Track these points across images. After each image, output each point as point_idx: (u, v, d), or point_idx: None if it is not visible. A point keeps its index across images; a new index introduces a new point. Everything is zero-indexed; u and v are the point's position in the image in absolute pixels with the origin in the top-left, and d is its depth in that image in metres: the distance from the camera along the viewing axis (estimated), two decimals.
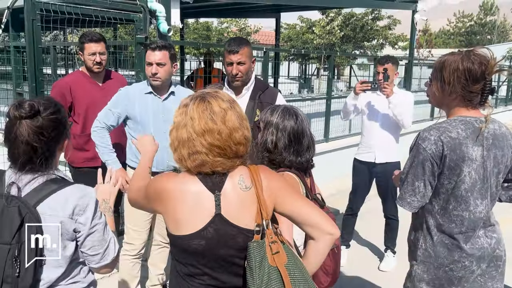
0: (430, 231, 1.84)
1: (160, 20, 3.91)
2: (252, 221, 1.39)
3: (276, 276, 1.34)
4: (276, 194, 1.43)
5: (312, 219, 1.44)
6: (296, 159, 1.84)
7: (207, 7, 7.93)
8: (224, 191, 1.39)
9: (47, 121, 1.48)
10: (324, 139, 6.63)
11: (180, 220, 1.39)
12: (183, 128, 1.39)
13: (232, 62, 2.64)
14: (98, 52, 3.12)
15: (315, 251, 1.47)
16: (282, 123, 1.83)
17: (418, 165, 1.77)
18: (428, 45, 20.08)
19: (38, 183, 1.49)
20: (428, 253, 1.84)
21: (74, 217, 1.49)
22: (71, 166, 3.34)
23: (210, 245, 1.38)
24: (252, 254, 1.34)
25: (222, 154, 1.37)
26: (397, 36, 19.80)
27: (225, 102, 1.40)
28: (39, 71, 3.31)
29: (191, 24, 21.70)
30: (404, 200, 1.85)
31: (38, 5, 3.24)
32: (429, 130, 1.77)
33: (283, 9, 9.66)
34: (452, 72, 1.74)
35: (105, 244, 1.57)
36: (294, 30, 21.45)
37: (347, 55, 18.43)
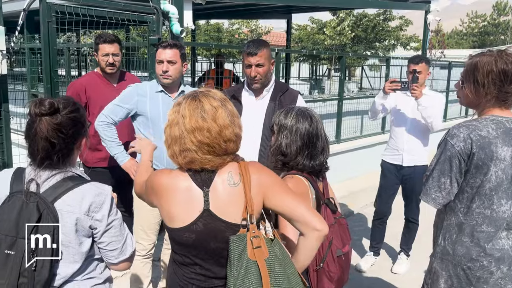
0: (450, 228, 1.83)
1: (173, 22, 3.95)
2: (239, 216, 1.44)
3: (254, 270, 1.38)
4: (265, 189, 1.47)
5: (299, 215, 1.46)
6: (310, 163, 1.83)
7: (219, 8, 7.96)
8: (212, 187, 1.45)
9: (66, 119, 1.52)
10: (335, 140, 6.61)
11: (172, 213, 1.47)
12: (176, 126, 1.45)
13: (251, 64, 2.63)
14: (112, 53, 3.16)
15: (303, 246, 1.50)
16: (296, 126, 1.82)
17: (445, 161, 1.76)
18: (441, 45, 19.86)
19: (56, 180, 1.52)
20: (447, 250, 1.84)
21: (90, 214, 1.52)
22: (85, 166, 3.37)
23: (199, 238, 1.45)
24: (232, 247, 1.40)
25: (211, 151, 1.43)
26: (409, 37, 19.67)
27: (216, 101, 1.45)
28: (54, 73, 3.36)
29: (202, 25, 21.80)
30: (428, 196, 1.83)
31: (54, 8, 3.28)
32: (459, 127, 1.75)
33: (294, 10, 9.66)
34: (486, 74, 1.72)
35: (122, 240, 1.60)
36: (304, 31, 21.41)
37: (359, 56, 18.33)
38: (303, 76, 19.84)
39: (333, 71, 18.11)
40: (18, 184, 1.53)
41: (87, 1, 3.54)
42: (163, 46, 2.74)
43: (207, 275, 1.50)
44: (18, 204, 1.48)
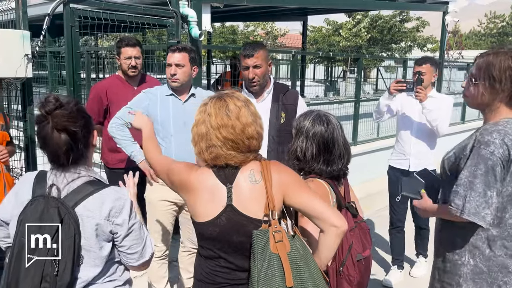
0: (481, 244, 1.70)
1: (192, 25, 3.99)
2: (261, 212, 1.51)
3: (277, 263, 1.44)
4: (285, 187, 1.54)
5: (318, 212, 1.52)
6: (327, 169, 1.83)
7: (234, 11, 8.01)
8: (235, 183, 1.53)
9: (75, 110, 1.55)
10: (352, 142, 6.59)
11: (198, 208, 1.56)
12: (202, 124, 1.56)
13: (248, 66, 2.63)
14: (134, 56, 3.23)
15: (323, 243, 1.55)
16: (312, 131, 1.82)
17: (489, 172, 1.61)
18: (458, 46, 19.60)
19: (77, 185, 1.54)
20: (479, 269, 1.70)
21: (111, 219, 1.54)
22: (106, 167, 3.44)
23: (223, 232, 1.53)
24: (255, 240, 1.46)
25: (235, 147, 1.52)
26: (425, 38, 19.46)
27: (240, 101, 1.56)
28: (77, 76, 3.43)
29: (217, 28, 21.91)
30: (478, 215, 1.62)
31: (77, 12, 3.36)
32: (490, 133, 1.65)
33: (310, 12, 9.65)
34: (504, 69, 1.67)
35: (142, 242, 1.62)
36: (320, 32, 21.36)
37: (375, 57, 18.20)
38: (318, 77, 19.79)
39: (349, 72, 18.02)
40: (40, 188, 1.55)
41: (109, 6, 3.62)
42: (172, 50, 2.79)
43: (231, 267, 1.56)
44: (40, 209, 1.49)
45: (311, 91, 9.74)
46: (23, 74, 3.11)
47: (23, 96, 3.37)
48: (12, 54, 3.02)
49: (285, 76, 14.71)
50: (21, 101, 3.41)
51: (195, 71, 2.85)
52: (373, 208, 5.51)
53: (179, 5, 3.98)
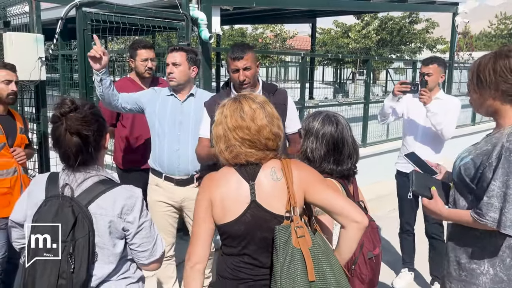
0: (501, 253, 1.67)
1: (202, 28, 4.03)
2: (283, 208, 1.55)
3: (299, 257, 1.47)
4: (306, 185, 1.57)
5: (339, 208, 1.54)
6: (337, 168, 1.86)
7: (244, 13, 8.05)
8: (257, 181, 1.57)
9: (89, 114, 1.58)
10: (361, 144, 6.58)
11: (226, 206, 1.57)
12: (219, 125, 1.60)
13: (238, 68, 2.57)
14: (150, 58, 3.30)
15: (344, 238, 1.57)
16: (321, 131, 1.84)
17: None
18: (469, 48, 19.47)
19: (89, 184, 1.58)
20: (500, 278, 1.67)
21: (123, 216, 1.58)
22: (118, 168, 3.48)
23: (248, 229, 1.56)
24: (277, 235, 1.49)
25: (253, 146, 1.57)
26: (435, 39, 19.33)
27: (255, 103, 1.60)
28: (89, 78, 3.48)
29: (226, 31, 22.00)
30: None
31: (89, 16, 3.41)
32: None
33: (319, 14, 9.67)
34: (487, 68, 1.66)
35: (153, 241, 1.66)
36: (329, 34, 21.33)
37: (385, 59, 18.13)
38: (327, 79, 19.76)
39: (358, 74, 17.97)
40: (53, 188, 1.59)
41: (120, 9, 3.67)
42: (170, 49, 2.84)
43: (254, 264, 1.59)
44: (54, 209, 1.53)
45: (320, 93, 9.73)
46: (37, 77, 3.16)
47: (37, 99, 3.43)
48: (26, 57, 3.08)
49: (294, 78, 14.70)
50: (35, 103, 3.47)
51: (194, 71, 2.85)
52: (383, 210, 5.50)
53: (189, 8, 4.02)
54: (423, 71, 3.35)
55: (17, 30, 3.41)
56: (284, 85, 11.46)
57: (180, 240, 4.28)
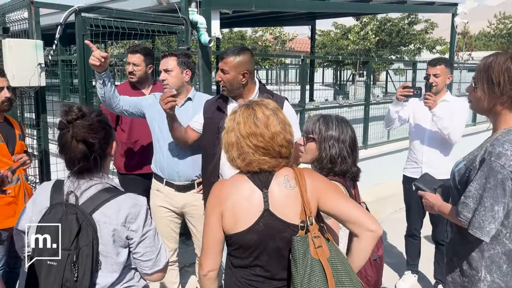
0: (497, 259, 1.66)
1: (201, 32, 4.02)
2: (297, 217, 1.52)
3: (319, 268, 1.44)
4: (319, 193, 1.55)
5: (353, 217, 1.52)
6: (354, 168, 1.90)
7: (243, 17, 8.05)
8: (271, 189, 1.54)
9: (96, 122, 1.58)
10: (362, 145, 6.57)
11: (238, 216, 1.54)
12: (231, 132, 1.57)
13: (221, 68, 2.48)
14: (132, 62, 3.30)
15: (358, 248, 1.54)
16: (342, 135, 1.88)
17: (498, 186, 1.56)
18: (468, 48, 19.45)
19: (93, 192, 1.57)
20: (497, 284, 1.67)
21: (127, 224, 1.56)
22: (118, 173, 3.47)
23: (260, 238, 1.52)
24: (296, 246, 1.46)
25: (266, 153, 1.53)
26: (434, 40, 19.33)
27: (268, 110, 1.56)
28: (89, 83, 3.48)
29: (225, 34, 22.03)
30: (483, 230, 1.60)
31: (88, 21, 3.41)
32: (502, 144, 1.58)
33: (318, 16, 9.68)
34: (502, 71, 1.61)
35: (156, 250, 1.63)
36: (328, 36, 21.34)
37: (384, 60, 18.13)
38: (327, 81, 19.75)
39: (358, 76, 17.98)
40: (58, 196, 1.58)
41: (119, 14, 3.67)
42: (161, 56, 2.85)
43: (266, 276, 1.55)
44: (58, 216, 1.52)
45: (320, 95, 9.73)
46: (36, 83, 3.16)
47: (37, 105, 3.42)
48: (25, 63, 3.08)
49: (294, 81, 14.70)
50: (35, 110, 3.46)
51: (187, 75, 2.84)
52: (384, 212, 5.49)
53: (189, 12, 4.02)
54: (430, 72, 3.30)
55: (16, 36, 3.41)
56: (284, 87, 11.45)
57: (182, 244, 4.27)
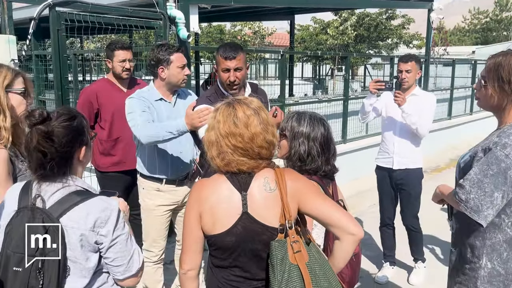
0: (498, 247, 1.70)
1: (180, 27, 3.99)
2: (276, 220, 1.50)
3: (297, 274, 1.43)
4: (300, 196, 1.52)
5: (336, 220, 1.50)
6: (327, 167, 1.88)
7: (222, 11, 8.00)
8: (250, 191, 1.51)
9: (59, 128, 1.48)
10: (341, 140, 6.64)
11: (216, 217, 1.52)
12: (212, 130, 1.54)
13: (229, 68, 2.48)
14: (128, 59, 3.25)
15: (339, 250, 1.54)
16: (313, 132, 1.86)
17: (500, 174, 1.61)
18: (443, 43, 19.85)
19: (61, 195, 1.50)
20: (497, 271, 1.71)
21: (96, 229, 1.49)
22: (97, 170, 3.42)
23: (239, 240, 1.51)
24: (273, 252, 1.44)
25: (245, 154, 1.50)
26: (411, 35, 19.63)
27: (250, 109, 1.52)
28: (65, 79, 3.41)
29: (204, 28, 21.84)
30: (481, 214, 1.63)
31: (63, 16, 3.34)
32: (508, 136, 1.63)
33: (297, 11, 9.70)
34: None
35: (129, 255, 1.57)
36: (307, 31, 21.41)
37: (363, 55, 18.32)
38: (306, 76, 19.84)
39: (336, 70, 18.13)
40: (26, 198, 1.51)
41: (95, 9, 3.60)
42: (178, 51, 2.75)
43: (246, 276, 1.55)
44: (25, 220, 1.46)
45: (299, 90, 9.75)
46: None
47: None
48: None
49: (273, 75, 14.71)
50: None
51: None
52: (363, 205, 5.57)
53: (167, 6, 3.98)
54: (402, 68, 3.45)
55: None
56: (264, 82, 11.46)
57: None
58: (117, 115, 3.26)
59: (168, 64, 2.66)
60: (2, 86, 1.87)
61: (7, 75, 1.90)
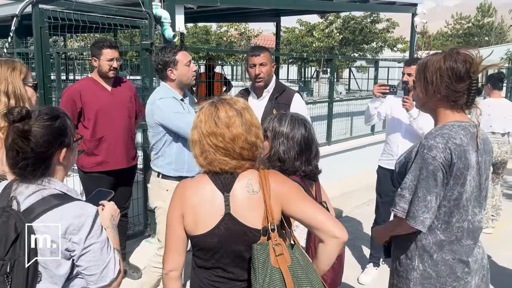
0: (428, 249, 1.70)
1: (165, 26, 3.96)
2: (259, 222, 1.48)
3: (279, 277, 1.42)
4: (284, 198, 1.51)
5: (320, 223, 1.49)
6: (307, 168, 1.87)
7: (208, 12, 7.98)
8: (232, 192, 1.50)
9: (38, 127, 1.44)
10: (326, 142, 6.68)
11: (198, 218, 1.51)
12: (195, 129, 1.54)
13: (255, 64, 2.93)
14: (115, 57, 3.22)
15: (323, 253, 1.53)
16: (292, 132, 1.85)
17: (429, 177, 1.61)
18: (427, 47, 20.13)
19: (37, 198, 1.45)
20: (428, 273, 1.70)
21: (67, 236, 1.43)
22: (81, 171, 3.38)
23: (221, 241, 1.50)
24: (255, 255, 1.43)
25: (227, 154, 1.50)
26: (395, 39, 19.90)
27: (232, 110, 1.51)
28: (47, 78, 3.35)
29: (190, 28, 21.77)
30: (417, 219, 1.63)
31: (46, 13, 3.28)
32: (434, 138, 1.64)
33: (283, 13, 9.72)
34: (435, 71, 1.66)
35: (103, 265, 1.50)
36: (293, 33, 21.52)
37: (348, 58, 18.48)
38: (292, 78, 19.92)
39: (321, 73, 18.24)
40: (3, 199, 1.47)
41: (79, 7, 3.55)
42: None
43: (228, 277, 1.54)
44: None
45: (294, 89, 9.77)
46: None
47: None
48: None
49: None
50: None
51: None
52: (348, 206, 5.60)
53: (152, 6, 3.95)
54: (405, 72, 3.48)
55: None
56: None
57: (146, 242, 4.21)
58: (101, 114, 3.22)
59: (175, 64, 2.79)
60: (20, 78, 1.98)
61: (23, 69, 2.01)
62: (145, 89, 4.09)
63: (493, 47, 28.16)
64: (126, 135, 3.40)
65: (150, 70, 4.06)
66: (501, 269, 3.96)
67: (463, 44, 36.60)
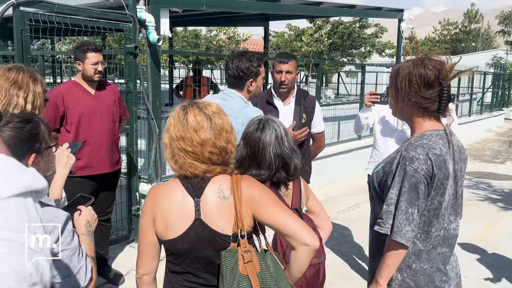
0: (407, 259, 1.67)
1: (150, 30, 3.94)
2: (229, 228, 1.47)
3: (246, 284, 1.41)
4: (255, 205, 1.48)
5: (290, 230, 1.46)
6: (257, 172, 1.84)
7: (196, 16, 7.97)
8: (204, 197, 1.48)
9: (7, 129, 1.42)
10: None
11: (168, 222, 1.50)
12: (166, 132, 1.53)
13: (282, 70, 3.00)
14: (100, 61, 3.19)
15: (295, 260, 1.51)
16: (245, 133, 1.87)
17: (411, 190, 1.58)
18: (415, 52, 20.36)
19: None
20: (407, 284, 1.68)
21: None
22: None
23: (191, 247, 1.48)
24: (223, 262, 1.42)
25: (196, 158, 1.48)
26: (384, 44, 20.05)
27: (202, 114, 1.48)
28: None
29: (179, 32, 21.73)
30: (400, 233, 1.58)
31: (28, 16, 3.24)
32: (414, 149, 1.60)
33: (271, 17, 9.74)
34: (404, 77, 1.65)
35: (71, 274, 1.45)
36: (282, 38, 21.58)
37: (336, 63, 18.58)
38: None
39: (311, 77, 18.31)
40: None
41: (62, 9, 3.51)
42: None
43: (199, 282, 1.52)
44: None
45: None
46: None
47: None
48: None
49: None
50: None
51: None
52: (334, 211, 5.61)
53: (137, 9, 3.92)
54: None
55: None
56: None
57: (129, 247, 4.16)
58: (84, 118, 3.18)
59: (257, 77, 2.48)
60: (41, 90, 1.95)
61: (43, 81, 2.00)
62: (129, 93, 4.05)
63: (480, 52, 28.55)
64: (109, 139, 3.36)
65: (134, 74, 4.03)
66: (486, 274, 3.99)
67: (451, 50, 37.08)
